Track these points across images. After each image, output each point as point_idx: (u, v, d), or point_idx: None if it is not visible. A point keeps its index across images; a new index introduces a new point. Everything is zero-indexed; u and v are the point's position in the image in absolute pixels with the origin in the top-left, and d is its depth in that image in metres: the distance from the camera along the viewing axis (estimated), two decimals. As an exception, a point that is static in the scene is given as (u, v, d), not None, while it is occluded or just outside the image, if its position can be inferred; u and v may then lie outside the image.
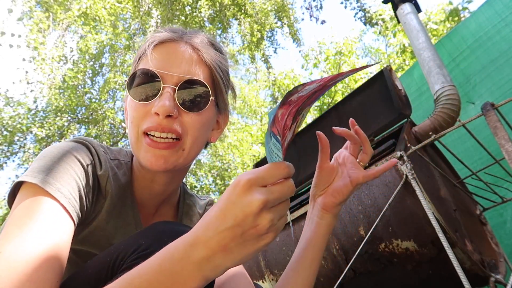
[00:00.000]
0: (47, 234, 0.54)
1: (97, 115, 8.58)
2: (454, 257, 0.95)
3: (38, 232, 0.53)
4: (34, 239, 0.52)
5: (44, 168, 0.60)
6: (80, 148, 0.66)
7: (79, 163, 0.64)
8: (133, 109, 0.68)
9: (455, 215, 1.34)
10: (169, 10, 7.38)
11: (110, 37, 8.74)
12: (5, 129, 8.07)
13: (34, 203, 0.56)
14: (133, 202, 0.75)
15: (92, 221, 0.69)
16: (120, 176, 0.73)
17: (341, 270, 1.24)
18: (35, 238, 0.52)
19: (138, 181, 0.76)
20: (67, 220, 0.58)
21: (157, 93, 0.66)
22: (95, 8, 8.13)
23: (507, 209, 2.13)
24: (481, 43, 2.52)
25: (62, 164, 0.61)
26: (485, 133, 2.19)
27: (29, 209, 0.55)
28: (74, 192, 0.61)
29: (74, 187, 0.61)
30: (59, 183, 0.59)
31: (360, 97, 1.81)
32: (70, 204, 0.59)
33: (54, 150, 0.64)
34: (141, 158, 0.67)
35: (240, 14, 8.11)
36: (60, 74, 8.05)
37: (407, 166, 1.11)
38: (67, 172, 0.61)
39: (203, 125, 0.70)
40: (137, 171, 0.76)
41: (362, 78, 9.08)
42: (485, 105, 1.15)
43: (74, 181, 0.61)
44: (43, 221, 0.55)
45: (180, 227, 0.61)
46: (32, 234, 0.52)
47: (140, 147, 0.67)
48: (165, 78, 0.66)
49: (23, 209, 0.55)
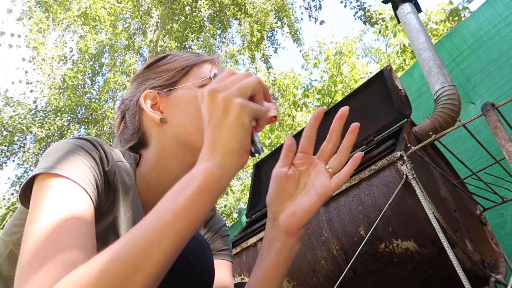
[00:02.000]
0: (70, 207, 0.54)
1: (97, 115, 8.58)
2: (454, 257, 0.95)
3: (62, 206, 0.53)
4: (59, 213, 0.52)
5: (57, 160, 0.60)
6: (88, 144, 0.67)
7: (90, 155, 0.64)
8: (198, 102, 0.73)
9: (455, 215, 1.34)
10: (169, 10, 7.38)
11: (110, 37, 8.74)
12: (5, 129, 8.07)
13: (58, 185, 0.56)
14: (138, 201, 0.76)
15: (103, 215, 0.68)
16: (125, 176, 0.73)
17: (341, 270, 1.23)
18: (60, 212, 0.52)
19: (145, 183, 0.77)
20: (89, 201, 0.58)
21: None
22: (94, 8, 8.13)
23: (507, 209, 2.13)
24: (481, 43, 2.52)
25: (75, 155, 0.61)
26: (485, 133, 2.19)
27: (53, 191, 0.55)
28: (91, 178, 0.61)
29: (90, 173, 0.61)
30: (75, 170, 0.59)
31: (360, 97, 1.81)
32: (88, 187, 0.59)
33: (64, 145, 0.64)
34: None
35: (240, 14, 8.11)
36: (60, 74, 8.05)
37: (407, 166, 1.10)
38: (81, 161, 0.61)
39: None
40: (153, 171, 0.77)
41: (362, 78, 9.08)
42: (485, 105, 1.15)
43: (89, 168, 0.61)
44: (68, 198, 0.55)
45: None
46: (57, 209, 0.53)
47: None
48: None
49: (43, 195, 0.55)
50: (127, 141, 0.82)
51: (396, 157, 1.14)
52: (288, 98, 9.55)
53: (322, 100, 9.17)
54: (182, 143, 0.75)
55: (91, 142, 0.68)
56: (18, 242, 0.66)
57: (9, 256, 0.67)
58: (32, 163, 8.23)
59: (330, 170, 0.62)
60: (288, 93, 9.52)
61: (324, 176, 0.61)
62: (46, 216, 0.52)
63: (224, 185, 0.50)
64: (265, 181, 2.19)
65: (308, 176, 0.63)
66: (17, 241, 0.66)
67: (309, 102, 9.50)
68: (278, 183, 0.64)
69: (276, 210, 0.64)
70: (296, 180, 0.64)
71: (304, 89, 9.49)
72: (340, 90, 9.06)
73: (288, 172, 0.64)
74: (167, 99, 0.78)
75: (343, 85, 9.13)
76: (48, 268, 0.45)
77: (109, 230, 0.69)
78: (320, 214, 1.32)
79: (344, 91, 9.03)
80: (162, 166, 0.77)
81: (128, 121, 0.82)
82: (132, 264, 0.43)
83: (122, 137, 0.83)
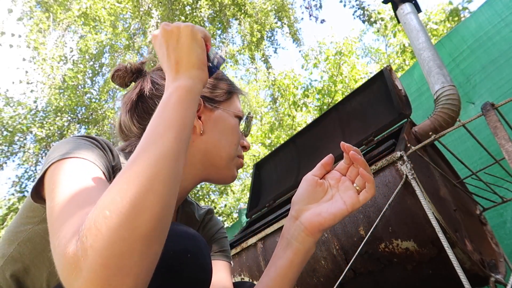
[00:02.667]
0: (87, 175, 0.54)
1: (97, 115, 8.58)
2: (454, 257, 0.95)
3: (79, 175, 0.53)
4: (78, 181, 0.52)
5: (69, 150, 0.58)
6: (94, 140, 0.67)
7: (100, 148, 0.64)
8: (238, 135, 0.83)
9: (455, 215, 1.34)
10: (169, 10, 7.38)
11: (110, 37, 8.74)
12: (5, 129, 8.07)
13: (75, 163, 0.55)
14: None
15: None
16: None
17: (341, 270, 1.24)
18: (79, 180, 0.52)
19: None
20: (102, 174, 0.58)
21: (246, 134, 0.88)
22: (95, 8, 8.13)
23: (507, 209, 2.13)
24: (481, 43, 2.52)
25: (87, 145, 0.61)
26: (485, 133, 2.19)
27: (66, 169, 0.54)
28: (104, 164, 0.61)
29: (103, 161, 0.61)
30: (88, 154, 0.59)
31: (360, 97, 1.81)
32: (104, 167, 0.59)
33: (73, 138, 0.63)
34: (231, 173, 0.82)
35: (240, 14, 8.11)
36: (60, 74, 8.05)
37: (407, 166, 1.10)
38: (93, 151, 0.61)
39: None
40: None
41: (362, 78, 9.09)
42: (485, 105, 1.15)
43: (101, 158, 0.61)
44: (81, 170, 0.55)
45: (180, 227, 0.61)
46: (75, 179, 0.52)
47: (233, 165, 0.82)
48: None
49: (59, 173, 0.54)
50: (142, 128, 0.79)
51: (396, 157, 1.14)
52: (288, 98, 9.55)
53: (322, 100, 9.17)
54: (208, 161, 0.79)
55: (97, 140, 0.68)
56: (23, 241, 0.66)
57: (13, 255, 0.66)
58: (32, 163, 8.24)
59: (358, 188, 0.66)
60: (288, 93, 9.52)
61: (352, 191, 0.66)
62: (65, 186, 0.51)
63: (196, 95, 0.58)
64: (265, 181, 2.19)
65: (336, 189, 0.68)
66: (22, 240, 0.66)
67: (309, 102, 9.50)
68: (308, 186, 0.69)
69: (300, 208, 0.68)
70: (324, 190, 0.69)
71: (304, 89, 9.49)
72: (340, 90, 9.06)
73: (319, 180, 0.69)
74: (210, 114, 0.80)
75: (343, 85, 9.13)
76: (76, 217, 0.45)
77: None
78: (320, 214, 1.32)
79: (344, 91, 9.03)
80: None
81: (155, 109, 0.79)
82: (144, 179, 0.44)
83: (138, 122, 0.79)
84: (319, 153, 1.89)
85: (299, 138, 2.10)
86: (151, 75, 0.83)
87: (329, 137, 1.87)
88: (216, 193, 9.75)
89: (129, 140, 0.81)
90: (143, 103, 0.80)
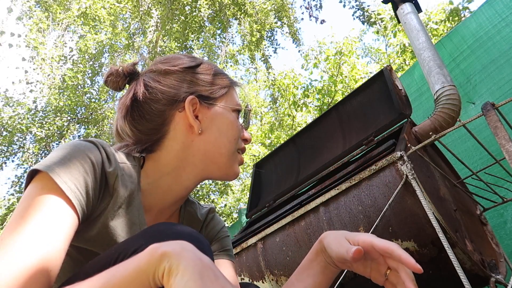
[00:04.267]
0: (44, 240, 0.55)
1: (97, 115, 8.58)
2: (455, 257, 0.95)
3: (35, 237, 0.54)
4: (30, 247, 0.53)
5: (56, 160, 0.62)
6: (91, 146, 0.68)
7: (89, 159, 0.65)
8: (237, 129, 0.83)
9: (455, 215, 1.34)
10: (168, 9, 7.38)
11: (109, 37, 8.74)
12: (5, 129, 8.06)
13: (41, 195, 0.58)
14: (139, 204, 0.75)
15: (98, 218, 0.68)
16: (127, 178, 0.73)
17: (341, 270, 1.23)
18: (31, 247, 0.53)
19: (154, 187, 0.77)
20: (70, 217, 0.59)
21: (246, 126, 0.88)
22: (94, 8, 8.12)
23: (508, 209, 2.13)
24: (482, 43, 2.52)
25: (73, 159, 0.63)
26: (485, 133, 2.19)
27: (34, 202, 0.57)
28: (81, 187, 0.62)
29: (82, 182, 0.62)
30: (67, 176, 0.60)
31: (360, 97, 1.81)
32: (76, 198, 0.61)
33: (66, 147, 0.65)
34: (233, 169, 0.82)
35: (240, 14, 8.10)
36: (60, 74, 8.05)
37: (407, 166, 1.10)
38: (77, 167, 0.63)
39: None
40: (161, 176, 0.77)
41: (362, 78, 9.08)
42: (485, 105, 1.15)
43: (82, 176, 0.63)
44: (44, 221, 0.56)
45: (181, 227, 0.61)
46: (29, 240, 0.54)
47: (234, 160, 0.82)
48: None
49: (30, 201, 0.58)
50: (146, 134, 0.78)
51: (396, 157, 1.14)
52: (288, 98, 9.55)
53: (322, 100, 9.17)
54: (209, 159, 0.79)
55: (96, 145, 0.68)
56: None
57: None
58: (32, 163, 8.23)
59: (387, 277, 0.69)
60: (288, 93, 9.52)
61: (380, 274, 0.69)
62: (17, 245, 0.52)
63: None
64: (265, 181, 2.19)
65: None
66: None
67: (309, 102, 9.50)
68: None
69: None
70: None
71: (304, 89, 9.49)
72: (340, 90, 9.05)
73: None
74: (207, 112, 0.79)
75: (343, 85, 9.13)
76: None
77: (103, 234, 0.69)
78: (320, 214, 1.32)
79: (344, 91, 9.03)
80: (177, 174, 0.78)
81: (150, 113, 0.77)
82: None
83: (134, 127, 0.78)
84: (319, 153, 1.89)
85: (299, 138, 2.09)
86: (144, 77, 0.80)
87: (329, 137, 1.87)
88: (216, 193, 9.75)
89: (125, 141, 0.81)
90: (138, 108, 0.78)
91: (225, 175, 0.82)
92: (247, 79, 12.22)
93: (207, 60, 0.87)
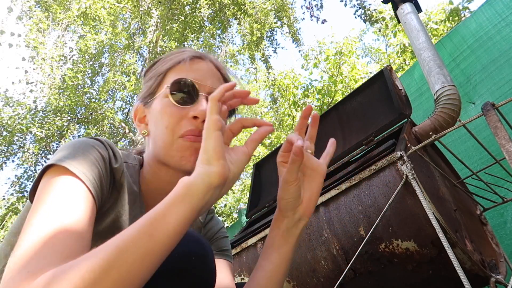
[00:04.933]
0: (73, 209, 0.56)
1: (97, 115, 8.58)
2: (455, 258, 0.95)
3: (61, 208, 0.55)
4: (61, 213, 0.54)
5: (68, 155, 0.62)
6: (98, 142, 0.69)
7: (99, 152, 0.66)
8: (168, 114, 0.73)
9: (455, 215, 1.34)
10: (169, 9, 7.38)
11: (109, 37, 8.74)
12: (5, 129, 8.06)
13: (61, 182, 0.58)
14: (141, 202, 0.76)
15: (107, 213, 0.69)
16: (130, 177, 0.75)
17: (341, 270, 1.23)
18: (63, 212, 0.54)
19: (151, 184, 0.77)
20: (90, 199, 0.60)
21: (194, 100, 0.73)
22: (94, 8, 8.12)
23: (508, 209, 2.13)
24: (482, 43, 2.52)
25: (84, 152, 0.64)
26: (485, 133, 2.19)
27: (55, 187, 0.58)
28: (96, 177, 0.63)
29: (96, 172, 0.63)
30: (83, 167, 0.61)
31: (360, 97, 1.81)
32: (93, 187, 0.61)
33: (75, 143, 0.66)
34: (177, 157, 0.71)
35: (240, 14, 8.10)
36: (60, 74, 8.05)
37: (407, 166, 1.10)
38: (90, 160, 0.63)
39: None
40: (152, 174, 0.77)
41: (362, 78, 9.09)
42: (485, 105, 1.15)
43: (96, 167, 0.64)
44: (68, 197, 0.57)
45: None
46: (60, 208, 0.54)
47: (176, 148, 0.71)
48: (200, 88, 0.74)
49: (50, 188, 0.58)
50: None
51: (396, 157, 1.14)
52: (288, 98, 9.55)
53: (322, 100, 9.17)
54: (160, 156, 0.74)
55: (101, 141, 0.70)
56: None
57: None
58: (31, 163, 8.23)
59: (310, 151, 0.72)
60: (288, 93, 9.52)
61: (313, 160, 0.71)
62: (48, 215, 0.53)
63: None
64: (265, 181, 2.19)
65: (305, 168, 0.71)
66: None
67: (309, 102, 9.50)
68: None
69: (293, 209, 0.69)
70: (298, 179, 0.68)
71: (304, 89, 9.49)
72: (340, 90, 9.05)
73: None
74: (149, 111, 0.78)
75: (343, 85, 9.13)
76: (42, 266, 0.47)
77: (112, 228, 0.69)
78: (320, 214, 1.32)
79: (344, 91, 9.03)
80: (159, 171, 0.78)
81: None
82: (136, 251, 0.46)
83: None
84: (319, 153, 1.89)
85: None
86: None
87: (329, 137, 1.87)
88: (216, 193, 9.73)
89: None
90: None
91: (179, 167, 0.72)
92: (247, 79, 12.23)
93: (175, 51, 0.82)
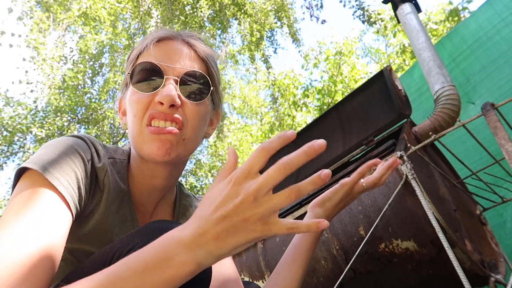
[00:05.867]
0: (43, 230, 0.54)
1: (97, 115, 8.58)
2: (454, 257, 0.95)
3: (34, 227, 0.53)
4: (30, 236, 0.52)
5: (45, 157, 0.61)
6: (80, 142, 0.68)
7: (78, 154, 0.65)
8: (135, 102, 0.70)
9: (455, 215, 1.34)
10: (169, 10, 7.38)
11: (110, 37, 8.74)
12: (5, 129, 8.06)
13: (34, 191, 0.57)
14: (129, 200, 0.75)
15: (90, 215, 0.68)
16: (116, 174, 0.74)
17: (341, 270, 1.23)
18: (32, 235, 0.52)
19: (136, 179, 0.76)
20: (65, 212, 0.59)
21: (160, 84, 0.68)
22: (95, 8, 8.12)
23: (507, 209, 2.13)
24: (481, 43, 2.52)
25: (62, 155, 0.62)
26: (485, 133, 2.18)
27: (28, 198, 0.56)
28: (73, 182, 0.61)
29: (73, 177, 0.62)
30: (58, 172, 0.60)
31: (360, 97, 1.81)
32: (69, 194, 0.60)
33: (55, 143, 0.65)
34: (146, 149, 0.68)
35: (240, 14, 8.11)
36: (60, 74, 8.05)
37: (407, 166, 1.10)
38: (67, 163, 0.62)
39: (202, 116, 0.73)
40: (136, 168, 0.76)
41: (362, 78, 9.09)
42: (485, 105, 1.15)
43: (73, 171, 0.62)
44: (41, 214, 0.55)
45: (176, 225, 0.61)
46: (29, 229, 0.52)
47: (144, 139, 0.68)
48: (167, 70, 0.69)
49: (23, 198, 0.56)
50: None
51: (396, 157, 1.14)
52: (288, 98, 9.55)
53: (322, 100, 9.17)
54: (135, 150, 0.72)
55: (84, 141, 0.69)
56: None
57: None
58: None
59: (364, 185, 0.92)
60: (288, 93, 9.52)
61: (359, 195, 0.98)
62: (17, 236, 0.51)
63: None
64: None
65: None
66: None
67: (309, 102, 9.51)
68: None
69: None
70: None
71: (304, 89, 9.50)
72: (340, 90, 9.06)
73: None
74: (125, 102, 0.76)
75: (343, 85, 9.13)
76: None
77: (98, 230, 0.69)
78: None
79: (344, 91, 9.03)
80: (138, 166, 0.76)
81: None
82: None
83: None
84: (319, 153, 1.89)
85: (299, 138, 2.09)
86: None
87: (329, 137, 1.87)
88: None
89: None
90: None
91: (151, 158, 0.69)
92: (247, 79, 12.23)
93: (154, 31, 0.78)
